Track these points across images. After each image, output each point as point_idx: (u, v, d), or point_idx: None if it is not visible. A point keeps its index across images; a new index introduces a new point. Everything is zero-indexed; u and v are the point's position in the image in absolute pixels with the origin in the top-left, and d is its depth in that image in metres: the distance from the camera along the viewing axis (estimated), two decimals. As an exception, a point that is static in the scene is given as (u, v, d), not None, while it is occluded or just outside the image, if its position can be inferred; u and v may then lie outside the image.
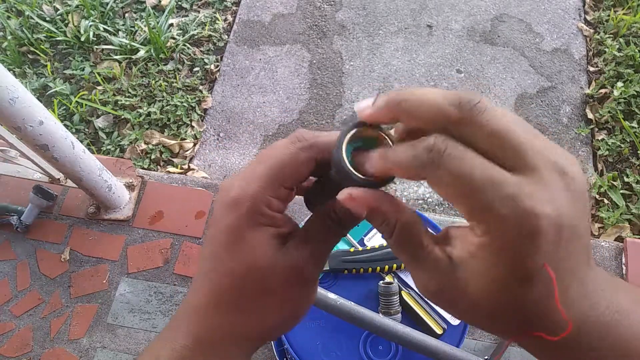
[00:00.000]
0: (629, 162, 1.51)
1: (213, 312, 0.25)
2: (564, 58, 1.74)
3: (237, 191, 0.24)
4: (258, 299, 0.25)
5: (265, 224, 0.24)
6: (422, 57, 1.76)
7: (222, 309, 0.25)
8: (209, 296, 0.25)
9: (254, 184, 0.24)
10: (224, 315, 0.25)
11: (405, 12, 1.86)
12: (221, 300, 0.25)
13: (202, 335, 0.25)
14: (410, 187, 1.50)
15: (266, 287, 0.25)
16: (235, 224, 0.24)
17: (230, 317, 0.25)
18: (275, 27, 1.85)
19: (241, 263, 0.24)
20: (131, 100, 1.66)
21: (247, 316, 0.25)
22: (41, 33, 1.83)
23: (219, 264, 0.25)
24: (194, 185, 1.34)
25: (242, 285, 0.24)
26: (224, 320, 0.25)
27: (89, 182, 1.12)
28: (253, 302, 0.25)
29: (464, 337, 0.73)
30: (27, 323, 1.19)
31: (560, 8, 1.86)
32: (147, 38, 1.78)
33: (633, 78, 1.60)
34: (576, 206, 0.19)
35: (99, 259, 1.25)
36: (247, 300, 0.25)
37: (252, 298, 0.25)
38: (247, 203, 0.24)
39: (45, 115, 0.93)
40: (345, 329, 0.74)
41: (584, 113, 1.62)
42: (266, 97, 1.70)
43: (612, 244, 1.26)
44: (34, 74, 1.76)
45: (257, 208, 0.24)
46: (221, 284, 0.25)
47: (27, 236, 1.28)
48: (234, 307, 0.25)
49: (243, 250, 0.24)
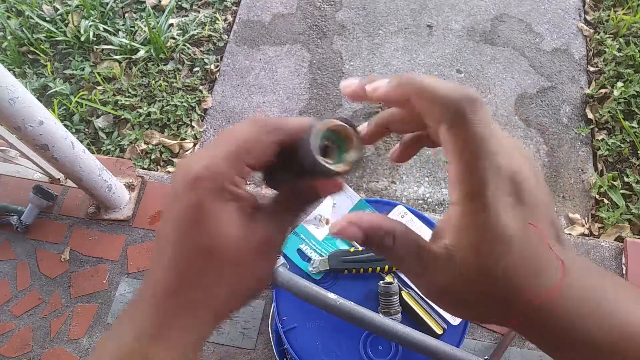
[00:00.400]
0: (629, 162, 1.51)
1: (180, 288, 0.25)
2: (564, 58, 1.74)
3: (200, 169, 0.24)
4: (228, 270, 0.25)
5: (230, 200, 0.25)
6: (422, 57, 1.76)
7: (190, 283, 0.25)
8: (174, 272, 0.25)
9: (218, 162, 0.24)
10: (191, 289, 0.25)
11: (405, 12, 1.86)
12: (188, 275, 0.25)
13: (168, 314, 0.25)
14: (410, 187, 1.50)
15: (237, 258, 0.25)
16: (200, 200, 0.24)
17: (198, 291, 0.25)
18: (275, 27, 1.85)
19: (211, 237, 0.24)
20: (131, 100, 1.66)
21: (216, 288, 0.25)
22: (41, 33, 1.83)
23: (185, 240, 0.25)
24: (194, 185, 1.34)
25: (212, 259, 0.25)
26: (192, 294, 0.25)
27: (89, 182, 1.12)
28: (223, 274, 0.25)
29: (464, 337, 0.73)
30: (27, 323, 1.19)
31: (560, 8, 1.86)
32: (147, 38, 1.78)
33: (633, 78, 1.60)
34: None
35: (99, 259, 1.25)
36: (217, 272, 0.25)
37: (222, 270, 0.25)
38: (211, 180, 0.24)
39: (45, 115, 0.93)
40: (345, 329, 0.74)
41: (584, 113, 1.62)
42: (266, 97, 1.70)
43: (612, 244, 1.26)
44: (34, 74, 1.76)
45: (222, 185, 0.24)
46: (189, 259, 0.25)
47: (27, 236, 1.28)
48: (202, 280, 0.25)
49: (210, 225, 0.24)
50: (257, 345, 1.12)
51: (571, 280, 0.21)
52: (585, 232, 1.39)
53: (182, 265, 0.25)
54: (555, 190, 1.49)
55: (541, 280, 0.21)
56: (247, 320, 1.15)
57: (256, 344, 1.12)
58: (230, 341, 1.13)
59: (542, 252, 0.21)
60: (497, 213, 0.21)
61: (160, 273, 0.25)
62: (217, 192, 0.24)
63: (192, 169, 0.24)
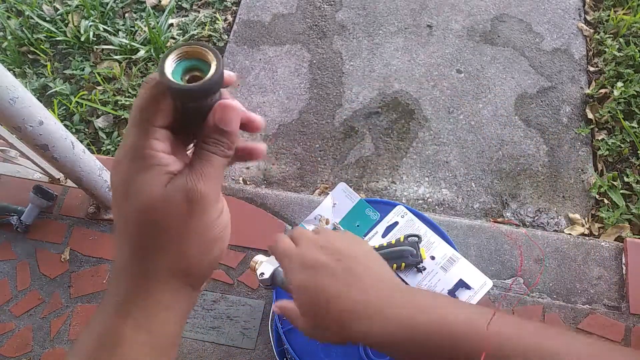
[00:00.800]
0: (629, 162, 1.51)
1: (133, 261, 0.26)
2: (564, 58, 1.74)
3: (119, 151, 0.26)
4: (163, 235, 0.25)
5: (153, 165, 0.25)
6: (422, 57, 1.76)
7: (140, 256, 0.26)
8: (124, 248, 0.26)
9: (128, 136, 0.26)
10: (143, 261, 0.26)
11: (405, 12, 1.87)
12: (136, 247, 0.26)
13: (130, 287, 0.26)
14: (410, 187, 1.50)
15: (165, 221, 0.25)
16: (124, 175, 0.25)
17: (151, 261, 0.26)
18: (275, 27, 1.85)
19: (137, 207, 0.25)
20: (131, 100, 1.66)
21: (165, 249, 0.26)
22: (41, 33, 1.84)
23: (122, 216, 0.26)
24: (194, 185, 1.34)
25: (146, 228, 0.25)
26: (146, 265, 0.26)
27: (89, 182, 1.12)
28: (161, 240, 0.25)
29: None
30: (27, 323, 1.19)
31: (560, 8, 1.86)
32: (147, 38, 1.78)
33: (633, 78, 1.60)
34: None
35: (99, 259, 1.25)
36: (156, 239, 0.25)
37: (158, 236, 0.25)
38: (128, 154, 0.25)
39: (45, 115, 0.93)
40: (345, 329, 0.73)
41: (584, 113, 1.62)
42: (266, 97, 1.70)
43: (612, 244, 1.26)
44: (34, 74, 1.76)
45: (138, 153, 0.25)
46: (129, 233, 0.26)
47: (27, 236, 1.28)
48: (150, 250, 0.25)
49: (135, 195, 0.25)
50: (257, 345, 1.12)
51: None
52: (585, 233, 1.39)
53: (126, 239, 0.26)
54: (555, 190, 1.49)
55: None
56: (247, 320, 1.15)
57: (256, 344, 1.12)
58: (230, 341, 1.13)
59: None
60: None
61: (117, 254, 0.26)
62: (136, 161, 0.25)
63: (116, 154, 0.26)
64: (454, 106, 1.65)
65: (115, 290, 0.26)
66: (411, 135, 1.60)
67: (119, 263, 0.27)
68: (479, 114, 1.63)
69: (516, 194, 1.48)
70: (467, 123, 1.61)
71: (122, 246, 0.26)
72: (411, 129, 1.61)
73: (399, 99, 1.67)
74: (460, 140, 1.58)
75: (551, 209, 1.46)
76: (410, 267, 0.77)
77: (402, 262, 0.76)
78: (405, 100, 1.67)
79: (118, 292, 0.26)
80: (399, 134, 1.60)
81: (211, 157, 0.26)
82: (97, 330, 0.25)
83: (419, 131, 1.60)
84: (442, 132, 1.60)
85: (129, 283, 0.26)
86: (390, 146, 1.58)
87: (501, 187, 1.49)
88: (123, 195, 0.25)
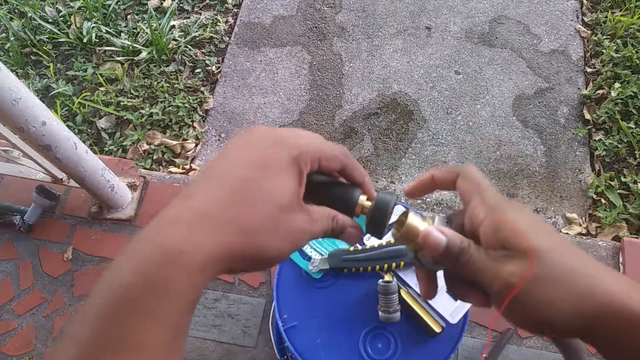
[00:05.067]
0: (626, 162, 1.52)
1: (233, 204, 0.27)
2: (561, 59, 1.75)
3: (302, 144, 0.30)
4: (269, 226, 0.28)
5: (298, 177, 0.29)
6: (421, 59, 1.77)
7: (237, 203, 0.27)
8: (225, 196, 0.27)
9: (312, 146, 0.30)
10: (238, 208, 0.27)
11: (404, 14, 1.88)
12: (232, 204, 0.27)
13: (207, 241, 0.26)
14: (410, 188, 1.51)
15: (282, 207, 0.28)
16: (289, 161, 0.29)
17: (240, 211, 0.27)
18: (275, 29, 1.86)
19: (279, 187, 0.28)
20: (133, 101, 1.67)
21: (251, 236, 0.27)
22: (44, 34, 1.85)
23: (252, 181, 0.28)
24: (195, 186, 1.35)
25: (263, 210, 0.27)
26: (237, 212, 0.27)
27: (92, 182, 1.13)
28: (265, 207, 0.28)
29: (462, 335, 0.74)
30: (30, 322, 1.20)
31: (558, 10, 1.87)
32: (149, 40, 1.79)
33: (630, 79, 1.61)
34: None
35: (101, 259, 1.26)
36: (259, 220, 0.27)
37: (266, 204, 0.28)
38: (304, 156, 0.29)
39: (48, 116, 0.94)
40: (344, 327, 0.75)
41: (582, 114, 1.63)
42: (267, 98, 1.71)
43: (609, 243, 1.27)
44: (37, 75, 1.78)
45: (305, 164, 0.30)
46: (238, 191, 0.27)
47: (30, 235, 1.29)
48: (248, 200, 0.27)
49: (285, 181, 0.29)
50: (258, 343, 1.13)
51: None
52: (583, 232, 1.40)
53: (231, 194, 0.27)
54: (552, 190, 1.50)
55: (512, 269, 0.27)
56: (248, 318, 1.16)
57: (257, 342, 1.13)
58: (232, 339, 1.14)
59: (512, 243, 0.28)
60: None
61: (219, 185, 0.28)
62: (300, 164, 0.29)
63: (299, 138, 0.30)
64: (452, 107, 1.66)
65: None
66: (410, 136, 1.61)
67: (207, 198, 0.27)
68: (477, 115, 1.64)
69: (514, 193, 1.50)
70: (465, 124, 1.63)
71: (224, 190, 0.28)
72: (410, 130, 1.62)
73: (397, 100, 1.68)
74: (459, 140, 1.59)
75: (549, 209, 1.47)
76: (409, 265, 0.78)
77: (400, 261, 0.77)
78: (404, 101, 1.68)
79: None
80: (397, 135, 1.61)
81: (340, 236, 0.33)
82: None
83: (417, 132, 1.62)
84: (441, 132, 1.61)
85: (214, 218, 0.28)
86: (389, 146, 1.59)
87: (499, 187, 1.50)
88: (273, 172, 0.28)
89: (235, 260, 0.26)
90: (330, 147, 0.31)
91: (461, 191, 0.33)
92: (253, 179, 0.28)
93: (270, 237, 0.28)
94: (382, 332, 0.74)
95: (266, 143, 0.29)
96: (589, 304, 0.25)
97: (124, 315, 0.23)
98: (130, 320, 0.23)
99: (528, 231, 0.28)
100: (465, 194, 0.32)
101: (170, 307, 0.24)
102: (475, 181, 0.32)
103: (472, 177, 0.32)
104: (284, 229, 0.28)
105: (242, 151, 0.29)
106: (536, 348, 1.12)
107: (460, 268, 0.30)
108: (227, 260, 0.26)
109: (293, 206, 0.29)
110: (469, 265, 0.29)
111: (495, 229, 0.29)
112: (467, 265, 0.29)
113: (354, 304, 0.77)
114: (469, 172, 0.33)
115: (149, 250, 0.24)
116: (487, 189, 0.31)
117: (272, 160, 0.28)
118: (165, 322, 0.24)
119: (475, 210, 0.31)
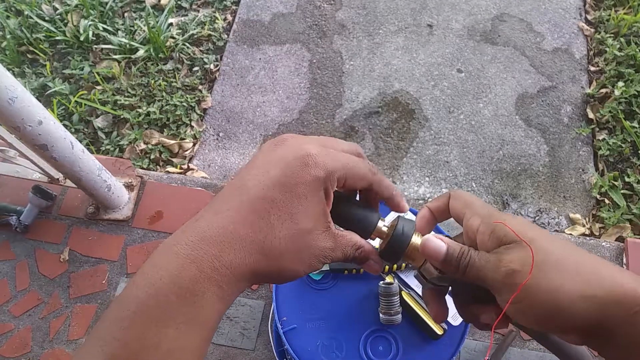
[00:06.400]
0: (629, 162, 1.50)
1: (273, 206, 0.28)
2: (564, 58, 1.74)
3: (330, 165, 0.30)
4: (292, 250, 0.29)
5: (325, 199, 0.30)
6: (423, 57, 1.75)
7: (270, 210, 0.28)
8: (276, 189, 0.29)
9: (339, 164, 0.30)
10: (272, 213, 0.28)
11: (405, 12, 1.86)
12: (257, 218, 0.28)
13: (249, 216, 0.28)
14: (411, 187, 1.50)
15: (302, 242, 0.29)
16: (317, 183, 0.29)
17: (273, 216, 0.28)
18: (275, 26, 1.85)
19: (305, 211, 0.29)
20: (130, 100, 1.66)
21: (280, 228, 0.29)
22: (40, 32, 1.83)
23: (278, 203, 0.29)
24: (193, 185, 1.33)
25: (287, 234, 0.29)
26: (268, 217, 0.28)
27: (88, 182, 1.12)
28: (291, 223, 0.29)
29: (465, 338, 0.73)
30: (27, 323, 1.19)
31: (561, 7, 1.85)
32: (146, 37, 1.78)
33: (634, 78, 1.60)
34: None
35: (98, 259, 1.25)
36: (282, 244, 0.29)
37: (293, 220, 0.29)
38: (332, 177, 0.30)
39: (45, 115, 0.93)
40: (345, 329, 0.73)
41: (585, 113, 1.61)
42: (266, 96, 1.69)
43: (612, 244, 1.25)
44: (33, 73, 1.76)
45: (332, 183, 0.30)
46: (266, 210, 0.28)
47: (27, 236, 1.28)
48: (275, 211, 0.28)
49: (311, 205, 0.29)
50: (257, 345, 1.12)
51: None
52: (586, 232, 1.38)
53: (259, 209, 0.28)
54: (556, 190, 1.49)
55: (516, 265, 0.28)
56: (246, 320, 1.15)
57: (256, 345, 1.12)
58: (230, 342, 1.13)
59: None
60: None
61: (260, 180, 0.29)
62: (329, 186, 0.30)
63: (327, 156, 0.30)
64: (455, 106, 1.64)
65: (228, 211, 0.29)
66: (411, 135, 1.59)
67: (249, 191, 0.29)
68: (480, 114, 1.63)
69: (517, 193, 1.48)
70: (468, 123, 1.61)
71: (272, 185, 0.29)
72: (411, 129, 1.61)
73: (399, 99, 1.67)
74: (461, 140, 1.58)
75: (552, 209, 1.45)
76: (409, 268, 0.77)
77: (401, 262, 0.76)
78: (406, 100, 1.66)
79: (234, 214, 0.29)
80: (399, 134, 1.60)
81: (360, 265, 0.34)
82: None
83: (419, 131, 1.60)
84: (443, 131, 1.60)
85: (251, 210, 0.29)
86: (391, 146, 1.58)
87: (502, 187, 1.49)
88: (306, 194, 0.29)
89: (258, 277, 0.29)
90: (358, 166, 0.32)
91: (453, 210, 0.34)
92: (280, 201, 0.29)
93: (292, 260, 0.29)
94: (383, 334, 0.73)
95: (295, 163, 0.29)
96: (598, 288, 0.25)
97: (160, 322, 0.26)
98: (165, 326, 0.26)
99: (525, 229, 0.29)
100: (457, 212, 0.33)
101: (204, 318, 0.27)
102: (464, 197, 0.33)
103: (461, 196, 0.34)
104: (306, 254, 0.30)
105: (271, 167, 0.30)
106: (539, 350, 1.10)
107: (464, 273, 0.30)
108: (251, 277, 0.29)
109: (318, 231, 0.30)
110: (471, 268, 0.29)
111: (491, 231, 0.30)
112: (470, 268, 0.30)
113: (354, 306, 0.75)
114: (457, 193, 0.34)
115: (186, 265, 0.27)
116: (476, 202, 0.33)
117: (298, 184, 0.29)
118: (198, 331, 0.27)
119: (469, 222, 0.32)
